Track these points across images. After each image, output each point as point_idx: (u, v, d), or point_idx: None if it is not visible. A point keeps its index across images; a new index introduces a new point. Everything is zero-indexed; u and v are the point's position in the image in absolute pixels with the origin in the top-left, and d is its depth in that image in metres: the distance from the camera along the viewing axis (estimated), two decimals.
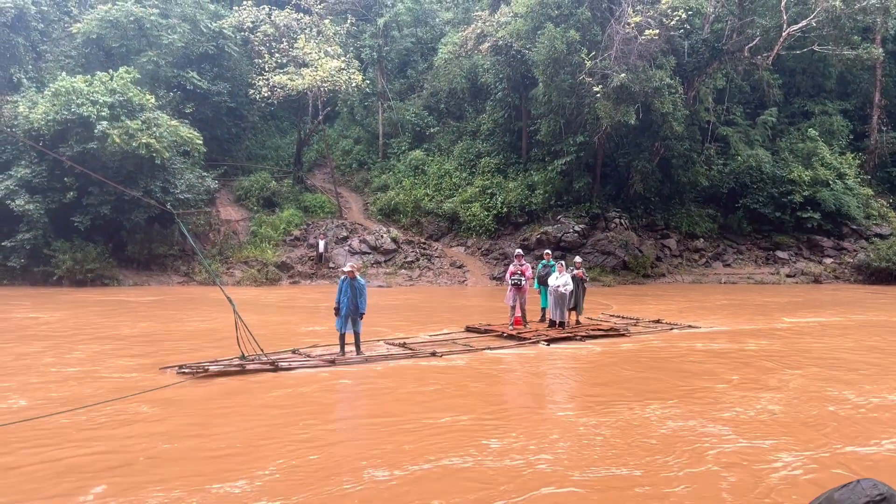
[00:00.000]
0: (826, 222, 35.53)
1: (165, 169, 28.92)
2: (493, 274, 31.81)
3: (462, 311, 21.59)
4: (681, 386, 10.85)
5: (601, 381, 11.45)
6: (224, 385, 10.55)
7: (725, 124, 37.82)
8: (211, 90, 36.15)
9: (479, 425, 8.46)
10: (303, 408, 9.32)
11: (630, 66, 28.88)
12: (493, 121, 37.57)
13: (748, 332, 16.97)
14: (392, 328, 16.69)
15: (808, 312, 21.58)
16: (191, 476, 6.59)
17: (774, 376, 11.62)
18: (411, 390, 10.47)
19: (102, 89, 27.73)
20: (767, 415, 9.12)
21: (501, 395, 10.88)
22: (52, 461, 6.96)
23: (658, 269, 33.14)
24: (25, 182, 27.37)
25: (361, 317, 12.64)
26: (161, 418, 8.63)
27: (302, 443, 7.72)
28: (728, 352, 14.12)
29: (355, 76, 34.84)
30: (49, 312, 19.49)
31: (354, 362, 12.22)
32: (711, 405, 9.60)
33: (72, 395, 9.71)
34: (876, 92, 40.84)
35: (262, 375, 11.12)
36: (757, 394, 10.27)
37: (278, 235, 33.02)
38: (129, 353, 13.10)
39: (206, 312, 19.79)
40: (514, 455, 7.33)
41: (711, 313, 20.94)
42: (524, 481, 6.57)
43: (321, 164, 41.12)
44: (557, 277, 16.01)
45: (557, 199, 34.20)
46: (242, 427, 8.29)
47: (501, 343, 14.64)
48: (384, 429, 8.32)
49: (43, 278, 27.24)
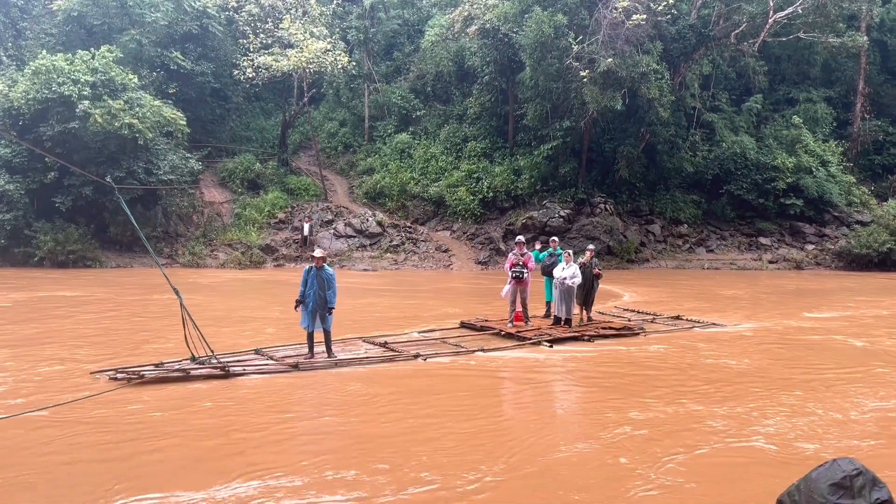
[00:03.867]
0: (808, 209, 35.85)
1: (148, 150, 28.60)
2: (479, 258, 31.85)
3: (452, 296, 21.55)
4: (724, 416, 8.48)
5: (611, 401, 9.22)
6: (156, 393, 9.06)
7: (711, 111, 37.94)
8: (195, 70, 35.71)
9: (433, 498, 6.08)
10: (218, 429, 7.76)
11: (617, 51, 28.85)
12: (479, 105, 37.44)
13: (780, 331, 15.27)
14: (378, 321, 15.78)
15: (825, 306, 20.11)
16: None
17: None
18: (372, 408, 8.73)
19: (84, 68, 27.32)
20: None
21: (481, 422, 8.31)
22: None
23: (642, 255, 33.32)
24: (5, 162, 27.01)
25: (331, 312, 11.09)
26: (28, 447, 7.07)
27: (150, 478, 6.25)
28: (784, 358, 12.24)
29: (341, 58, 34.55)
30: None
31: (321, 367, 10.71)
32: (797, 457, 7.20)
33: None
34: (860, 80, 41.11)
35: (208, 383, 9.65)
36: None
37: (263, 218, 32.83)
38: (69, 351, 11.69)
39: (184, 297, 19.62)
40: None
41: (725, 307, 19.29)
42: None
43: (306, 146, 40.84)
44: (564, 268, 14.19)
45: (543, 184, 34.24)
46: (104, 458, 6.83)
47: (498, 343, 13.03)
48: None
49: (23, 259, 26.94)
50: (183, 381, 9.69)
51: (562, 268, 14.27)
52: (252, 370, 10.28)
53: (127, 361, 10.64)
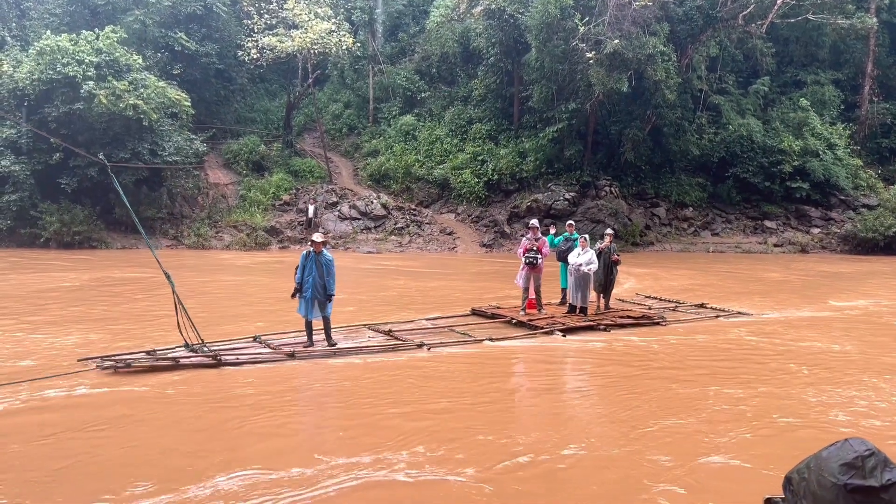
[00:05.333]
0: (815, 192, 35.69)
1: (153, 131, 28.57)
2: (483, 241, 31.85)
3: (462, 279, 21.54)
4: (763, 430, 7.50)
5: (622, 401, 8.49)
6: (138, 382, 8.66)
7: (717, 93, 37.66)
8: (199, 51, 35.56)
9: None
10: (188, 423, 7.37)
11: (623, 33, 28.62)
12: (484, 86, 37.23)
13: (811, 320, 14.44)
14: (385, 304, 15.69)
15: (852, 293, 19.28)
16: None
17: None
18: (361, 403, 8.25)
19: (88, 48, 27.23)
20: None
21: (476, 419, 7.75)
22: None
23: (647, 238, 33.29)
24: (11, 143, 27.05)
25: (330, 299, 10.62)
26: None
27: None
28: (825, 354, 11.35)
29: (346, 39, 34.36)
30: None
31: (318, 356, 10.31)
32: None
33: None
34: (868, 62, 40.72)
35: (197, 373, 9.24)
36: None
37: (267, 200, 32.83)
38: (66, 332, 11.66)
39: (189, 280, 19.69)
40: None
41: (749, 295, 18.32)
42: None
43: (311, 128, 40.73)
44: (580, 254, 13.56)
45: (548, 167, 34.12)
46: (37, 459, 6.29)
47: (507, 332, 12.43)
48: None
49: (30, 240, 27.06)
50: (172, 370, 9.27)
51: (577, 253, 13.66)
52: (245, 359, 9.83)
53: (129, 344, 10.63)
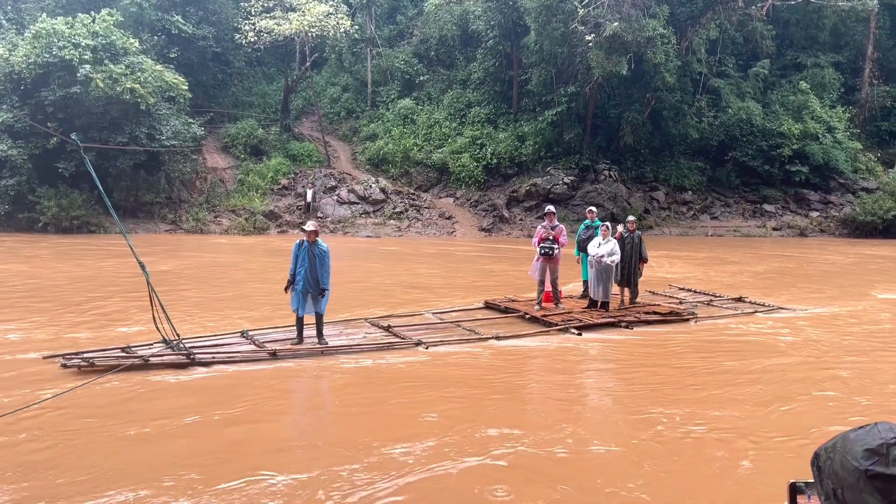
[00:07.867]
0: (814, 176, 35.66)
1: (150, 115, 28.44)
2: (482, 225, 31.84)
3: (469, 267, 21.51)
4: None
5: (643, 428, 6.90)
6: (97, 388, 7.66)
7: (717, 76, 37.51)
8: (196, 34, 35.32)
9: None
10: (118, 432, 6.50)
11: (623, 15, 28.45)
12: (483, 70, 37.06)
13: (858, 314, 13.27)
14: (391, 293, 15.31)
15: (892, 283, 17.84)
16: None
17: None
18: (342, 408, 7.58)
19: (84, 32, 27.03)
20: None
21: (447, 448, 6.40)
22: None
23: (646, 222, 33.25)
24: (8, 127, 26.88)
25: (324, 293, 9.77)
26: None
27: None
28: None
29: (344, 21, 34.14)
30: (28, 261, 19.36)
31: (304, 356, 9.41)
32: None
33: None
34: (869, 45, 40.53)
35: (167, 373, 8.40)
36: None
37: (266, 184, 32.77)
38: (48, 323, 11.20)
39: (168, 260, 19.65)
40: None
41: (776, 286, 16.87)
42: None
43: (309, 111, 40.56)
44: (600, 244, 12.25)
45: (547, 151, 34.05)
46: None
47: (518, 329, 11.39)
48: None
49: (28, 225, 27.02)
50: (139, 370, 8.44)
51: (597, 243, 12.34)
52: (221, 358, 9.02)
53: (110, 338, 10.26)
